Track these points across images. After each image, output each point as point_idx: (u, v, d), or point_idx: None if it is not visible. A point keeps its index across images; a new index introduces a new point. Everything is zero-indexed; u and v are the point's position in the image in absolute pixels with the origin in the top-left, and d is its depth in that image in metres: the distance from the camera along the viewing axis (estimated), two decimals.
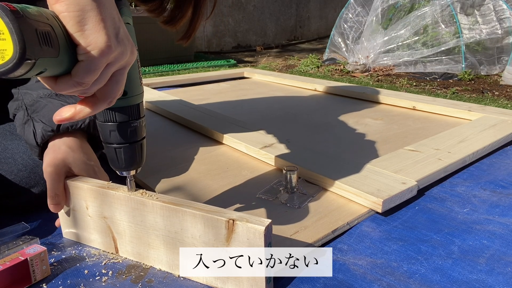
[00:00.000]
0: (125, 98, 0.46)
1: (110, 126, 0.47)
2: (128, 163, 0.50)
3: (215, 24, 3.94)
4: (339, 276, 0.52)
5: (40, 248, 0.51)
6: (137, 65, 0.47)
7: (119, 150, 0.49)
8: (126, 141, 0.48)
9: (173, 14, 0.66)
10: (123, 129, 0.47)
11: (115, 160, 0.50)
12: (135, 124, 0.48)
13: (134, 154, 0.49)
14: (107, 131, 0.48)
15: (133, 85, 0.47)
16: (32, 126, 0.63)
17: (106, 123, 0.47)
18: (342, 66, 2.42)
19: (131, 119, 0.47)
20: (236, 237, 0.46)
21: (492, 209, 0.68)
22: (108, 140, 0.48)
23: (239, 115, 1.25)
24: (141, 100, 0.49)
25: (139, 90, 0.48)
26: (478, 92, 1.73)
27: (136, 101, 0.48)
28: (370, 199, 0.66)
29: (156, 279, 0.51)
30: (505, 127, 1.02)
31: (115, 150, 0.49)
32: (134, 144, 0.49)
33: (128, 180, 0.52)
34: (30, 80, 0.70)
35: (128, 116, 0.47)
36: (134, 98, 0.47)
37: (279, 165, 0.82)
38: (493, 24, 2.13)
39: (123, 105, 0.46)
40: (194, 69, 2.49)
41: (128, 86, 0.46)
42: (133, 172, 0.51)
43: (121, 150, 0.49)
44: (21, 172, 0.66)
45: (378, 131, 1.10)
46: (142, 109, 0.49)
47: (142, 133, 0.50)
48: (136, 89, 0.47)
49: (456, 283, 0.50)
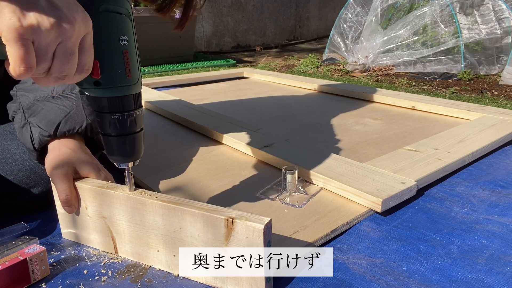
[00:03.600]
0: (121, 86, 0.46)
1: (109, 116, 0.47)
2: (126, 154, 0.50)
3: (215, 24, 3.94)
4: (338, 275, 0.52)
5: (39, 248, 0.51)
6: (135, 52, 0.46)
7: (117, 141, 0.48)
8: (124, 132, 0.48)
9: (165, 1, 0.67)
10: (121, 119, 0.47)
11: (114, 152, 0.49)
12: (133, 115, 0.48)
13: (133, 145, 0.49)
14: (105, 121, 0.47)
15: (133, 71, 0.46)
16: (29, 131, 0.63)
17: (104, 113, 0.47)
18: (342, 66, 2.42)
19: (129, 109, 0.47)
20: (235, 236, 0.46)
21: (491, 209, 0.68)
22: (106, 130, 0.48)
23: (239, 115, 1.25)
24: (139, 90, 0.48)
25: (135, 80, 0.47)
26: (477, 92, 1.74)
27: (134, 91, 0.47)
28: (369, 199, 0.66)
29: (155, 279, 0.51)
30: (504, 127, 1.02)
31: (114, 141, 0.48)
32: (133, 135, 0.49)
33: (126, 173, 0.52)
34: (27, 81, 0.70)
35: (126, 106, 0.47)
36: (131, 87, 0.47)
37: (278, 165, 0.82)
38: (492, 24, 2.13)
39: (120, 95, 0.46)
40: (193, 69, 2.49)
41: (123, 75, 0.45)
42: (131, 164, 0.51)
43: (120, 140, 0.48)
44: (21, 172, 0.66)
45: (377, 131, 1.10)
46: (140, 99, 0.49)
47: (140, 124, 0.50)
48: (133, 78, 0.47)
49: (455, 283, 0.50)
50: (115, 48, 0.44)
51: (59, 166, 0.57)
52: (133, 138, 0.49)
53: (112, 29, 0.44)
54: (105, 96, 0.46)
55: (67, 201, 0.56)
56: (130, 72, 0.46)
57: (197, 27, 3.59)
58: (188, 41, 2.83)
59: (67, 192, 0.56)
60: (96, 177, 0.59)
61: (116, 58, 0.45)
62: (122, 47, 0.44)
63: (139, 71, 0.48)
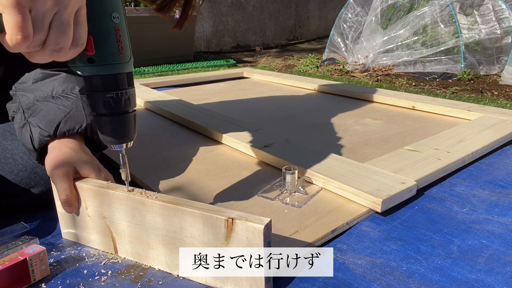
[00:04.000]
0: (114, 64, 0.46)
1: (103, 95, 0.47)
2: (120, 135, 0.50)
3: (215, 24, 3.94)
4: (338, 275, 0.52)
5: (39, 248, 0.51)
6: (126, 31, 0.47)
7: (112, 121, 0.48)
8: (119, 110, 0.48)
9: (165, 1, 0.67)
10: (116, 98, 0.47)
11: (108, 133, 0.49)
12: (127, 93, 0.48)
13: (127, 125, 0.49)
14: (99, 100, 0.47)
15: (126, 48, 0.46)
16: (29, 131, 0.63)
17: (98, 92, 0.47)
18: (342, 66, 2.42)
19: (123, 87, 0.47)
20: (235, 236, 0.46)
21: (491, 209, 0.68)
22: (100, 110, 0.48)
23: (239, 115, 1.25)
24: (132, 70, 0.48)
25: (127, 58, 0.47)
26: (477, 92, 1.74)
27: (127, 69, 0.47)
28: (369, 199, 0.66)
29: (155, 279, 0.51)
30: (504, 127, 1.02)
31: (108, 121, 0.49)
32: (127, 115, 0.49)
33: (121, 156, 0.52)
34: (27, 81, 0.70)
35: (120, 84, 0.47)
36: (124, 65, 0.47)
37: (278, 165, 0.82)
38: (492, 24, 2.13)
39: (114, 72, 0.46)
40: (193, 69, 2.49)
41: (116, 52, 0.45)
42: (125, 146, 0.51)
43: (114, 120, 0.48)
44: (21, 172, 0.66)
45: (377, 131, 1.10)
46: (132, 78, 0.49)
47: (133, 104, 0.50)
48: (126, 56, 0.47)
49: (455, 283, 0.50)
50: (107, 24, 0.44)
51: (59, 166, 0.57)
52: (127, 118, 0.49)
53: (104, 5, 0.44)
54: (99, 74, 0.46)
55: (67, 201, 0.56)
56: (122, 50, 0.46)
57: (197, 27, 3.59)
58: (188, 41, 2.83)
59: (68, 192, 0.56)
60: (97, 177, 0.59)
61: (109, 34, 0.45)
62: (114, 24, 0.45)
63: (130, 51, 0.48)
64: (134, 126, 0.51)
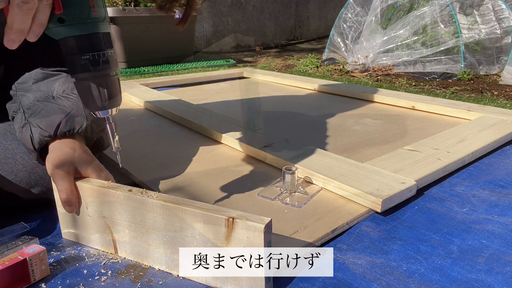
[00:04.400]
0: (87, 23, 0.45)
1: (79, 57, 0.46)
2: (103, 99, 0.49)
3: (215, 24, 3.93)
4: (338, 275, 0.52)
5: (39, 248, 0.51)
6: None
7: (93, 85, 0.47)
8: (98, 73, 0.47)
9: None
10: (93, 59, 0.46)
11: (91, 99, 0.48)
12: (105, 55, 0.47)
13: (109, 88, 0.48)
14: (77, 63, 0.46)
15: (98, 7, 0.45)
16: (29, 131, 0.63)
17: (74, 55, 0.46)
18: (342, 66, 2.42)
19: (99, 48, 0.46)
20: (235, 236, 0.46)
21: (491, 209, 0.68)
22: (79, 74, 0.47)
23: (239, 115, 1.25)
24: (108, 30, 0.48)
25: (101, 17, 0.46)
26: (477, 92, 1.74)
27: (102, 29, 0.46)
28: (369, 198, 0.66)
29: (155, 279, 0.51)
30: (504, 126, 1.03)
31: (89, 85, 0.48)
32: (109, 78, 0.48)
33: (107, 123, 0.52)
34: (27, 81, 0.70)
35: (96, 45, 0.46)
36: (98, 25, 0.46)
37: (278, 165, 0.82)
38: (492, 24, 2.13)
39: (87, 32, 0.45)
40: (193, 69, 2.49)
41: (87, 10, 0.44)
42: (111, 112, 0.50)
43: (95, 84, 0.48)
44: (21, 172, 0.66)
45: (377, 130, 1.10)
46: (110, 40, 0.48)
47: (114, 67, 0.49)
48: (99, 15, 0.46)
49: (455, 283, 0.50)
50: None
51: (60, 166, 0.57)
52: (110, 81, 0.48)
53: None
54: (72, 36, 0.45)
55: (68, 201, 0.56)
56: (94, 8, 0.45)
57: (197, 27, 3.59)
58: (188, 41, 2.83)
59: (68, 191, 0.56)
60: (97, 177, 0.59)
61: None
62: None
63: (105, 10, 0.47)
64: (117, 90, 0.50)
